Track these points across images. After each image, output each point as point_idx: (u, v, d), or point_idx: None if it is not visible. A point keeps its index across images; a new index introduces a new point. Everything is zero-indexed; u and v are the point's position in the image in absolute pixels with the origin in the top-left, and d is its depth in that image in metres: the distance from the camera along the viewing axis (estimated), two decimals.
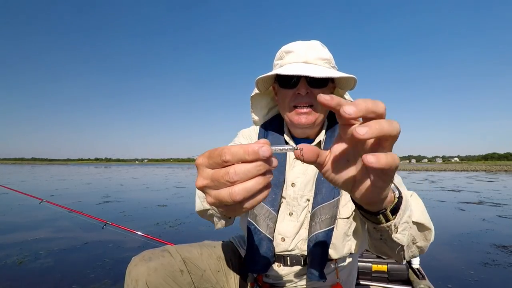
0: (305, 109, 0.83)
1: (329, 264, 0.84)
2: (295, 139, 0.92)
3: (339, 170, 0.41)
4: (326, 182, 0.82)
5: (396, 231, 0.52)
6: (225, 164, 0.34)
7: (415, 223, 0.62)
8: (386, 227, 0.51)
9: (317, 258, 0.79)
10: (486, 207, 6.41)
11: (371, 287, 1.65)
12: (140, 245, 3.15)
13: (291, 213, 0.85)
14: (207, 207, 0.77)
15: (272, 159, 0.34)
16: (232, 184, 0.34)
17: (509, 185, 12.89)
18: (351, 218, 0.83)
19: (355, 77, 0.82)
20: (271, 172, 0.35)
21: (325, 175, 0.43)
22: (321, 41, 0.89)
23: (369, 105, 0.33)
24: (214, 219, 0.80)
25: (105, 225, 2.48)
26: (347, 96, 0.94)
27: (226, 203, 0.35)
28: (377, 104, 0.34)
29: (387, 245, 0.58)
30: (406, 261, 0.64)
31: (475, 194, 9.07)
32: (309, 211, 0.84)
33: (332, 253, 0.81)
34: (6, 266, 2.61)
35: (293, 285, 0.87)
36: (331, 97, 0.35)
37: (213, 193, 0.35)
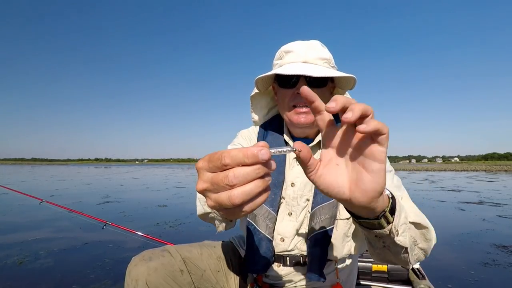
0: (304, 109, 0.83)
1: (329, 264, 0.84)
2: (294, 139, 0.91)
3: (331, 173, 0.42)
4: None
5: (397, 234, 0.52)
6: (224, 167, 0.34)
7: (411, 223, 0.62)
8: (387, 231, 0.51)
9: (316, 258, 0.79)
10: (486, 207, 6.41)
11: (371, 287, 1.65)
12: (140, 245, 3.15)
13: (291, 213, 0.85)
14: (208, 210, 0.77)
15: (271, 162, 0.35)
16: (231, 187, 0.34)
17: (509, 185, 12.88)
18: (351, 219, 0.83)
19: (354, 76, 0.82)
20: (270, 175, 0.36)
21: (315, 180, 0.42)
22: (321, 41, 0.89)
23: (348, 100, 0.37)
24: (215, 222, 0.81)
25: (105, 225, 2.48)
26: (347, 95, 0.94)
27: (225, 206, 0.35)
28: (357, 103, 0.37)
29: (390, 251, 0.58)
30: (412, 266, 0.64)
31: (475, 194, 9.07)
32: (308, 211, 0.84)
33: (331, 254, 0.81)
34: (6, 266, 2.61)
35: (292, 285, 0.87)
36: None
37: (213, 196, 0.36)
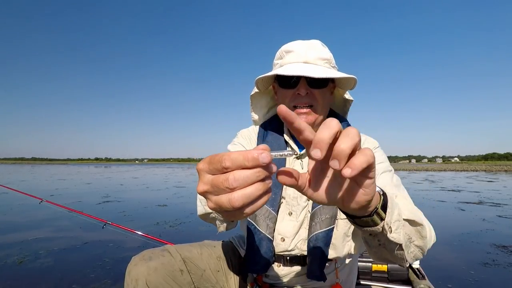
0: (305, 109, 0.83)
1: (329, 264, 0.84)
2: (294, 139, 0.91)
3: (322, 187, 0.41)
4: None
5: (390, 231, 0.53)
6: (225, 170, 0.34)
7: (406, 220, 0.62)
8: (380, 229, 0.51)
9: (317, 258, 0.79)
10: (486, 207, 6.41)
11: (371, 287, 1.65)
12: (140, 245, 3.15)
13: (291, 213, 0.85)
14: (209, 210, 0.76)
15: (271, 165, 0.34)
16: (231, 190, 0.34)
17: (509, 185, 12.88)
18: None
19: (355, 77, 0.82)
20: (270, 177, 0.35)
21: (310, 196, 0.42)
22: (321, 40, 0.89)
23: (326, 137, 0.34)
24: (216, 222, 0.80)
25: (105, 225, 2.48)
26: (347, 95, 0.94)
27: (226, 208, 0.35)
28: (330, 128, 0.35)
29: (386, 249, 0.58)
30: (408, 264, 0.64)
31: (475, 194, 9.07)
32: (308, 211, 0.84)
33: (332, 253, 0.81)
34: (6, 266, 2.61)
35: (292, 285, 0.87)
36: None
37: (213, 198, 0.36)
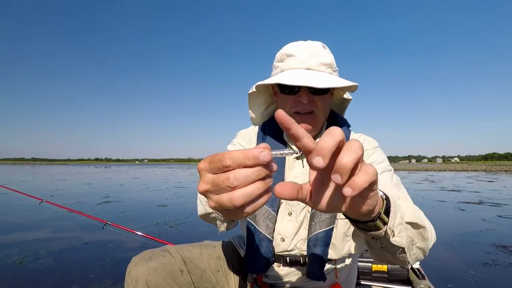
0: (306, 116, 0.83)
1: (329, 264, 0.84)
2: None
3: (324, 197, 0.40)
4: None
5: (393, 235, 0.53)
6: (226, 169, 0.34)
7: (408, 223, 0.63)
8: (383, 233, 0.51)
9: (316, 258, 0.79)
10: (486, 207, 6.41)
11: (371, 287, 1.65)
12: (140, 245, 3.15)
13: (291, 213, 0.85)
14: (210, 210, 0.76)
15: (272, 164, 0.34)
16: (232, 189, 0.33)
17: (509, 185, 12.88)
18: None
19: (357, 84, 0.82)
20: (271, 176, 0.35)
21: (313, 207, 0.42)
22: (322, 41, 0.88)
23: (329, 145, 0.33)
24: (217, 222, 0.80)
25: (105, 225, 2.48)
26: (346, 95, 0.94)
27: (226, 207, 0.35)
28: (334, 136, 0.34)
29: (388, 251, 0.58)
30: (410, 265, 0.64)
31: (475, 194, 9.07)
32: (308, 211, 0.84)
33: (331, 253, 0.81)
34: (6, 266, 2.61)
35: (292, 285, 0.87)
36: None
37: (214, 197, 0.35)
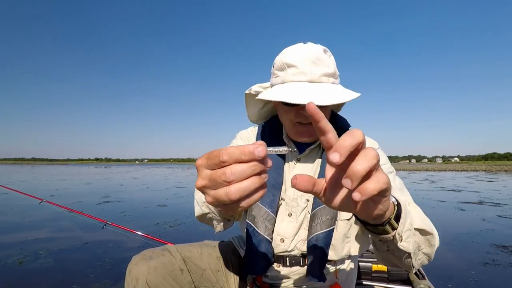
0: (309, 126, 0.82)
1: (329, 265, 0.84)
2: (294, 141, 0.91)
3: (338, 197, 0.41)
4: None
5: (401, 240, 0.53)
6: (222, 164, 0.35)
7: (416, 229, 0.63)
8: (391, 237, 0.52)
9: (316, 259, 0.79)
10: (486, 207, 6.41)
11: (371, 287, 1.65)
12: (140, 245, 3.15)
13: (291, 214, 0.85)
14: (206, 211, 0.77)
15: (267, 159, 0.35)
16: (229, 183, 0.35)
17: (509, 185, 12.89)
18: (352, 220, 0.83)
19: (359, 94, 0.79)
20: (266, 172, 0.36)
21: (325, 203, 0.42)
22: (322, 40, 0.87)
23: (347, 144, 0.34)
24: (213, 222, 0.80)
25: (105, 225, 2.48)
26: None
27: (223, 202, 0.36)
28: (354, 137, 0.35)
29: (394, 255, 0.59)
30: (415, 270, 0.65)
31: (475, 194, 9.07)
32: (308, 212, 0.84)
33: (331, 254, 0.81)
34: (6, 266, 2.61)
35: (292, 285, 0.87)
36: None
37: (211, 193, 0.37)
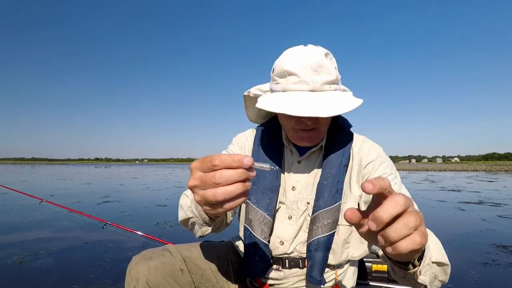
0: (311, 132, 0.81)
1: (328, 268, 0.85)
2: (293, 144, 0.90)
3: (373, 234, 0.43)
4: (327, 186, 0.81)
5: (420, 274, 0.56)
6: (214, 168, 0.42)
7: (434, 262, 0.65)
8: (411, 273, 0.55)
9: (316, 262, 0.79)
10: (486, 207, 6.40)
11: (371, 287, 1.65)
12: (140, 245, 3.15)
13: (291, 217, 0.85)
14: (190, 215, 0.76)
15: (253, 170, 0.43)
16: (217, 185, 0.41)
17: (509, 185, 12.88)
18: (353, 226, 0.83)
19: (362, 101, 0.76)
20: (250, 181, 0.43)
21: (364, 237, 0.46)
22: (322, 40, 0.87)
23: (386, 217, 0.38)
24: (195, 227, 0.78)
25: (105, 225, 2.48)
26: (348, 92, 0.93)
27: (209, 201, 0.43)
28: (395, 207, 0.38)
29: (410, 282, 0.61)
30: None
31: (475, 194, 9.06)
32: (308, 215, 0.84)
33: (330, 259, 0.82)
34: (6, 266, 2.61)
35: (291, 286, 0.87)
36: (374, 185, 0.38)
37: (200, 192, 0.44)
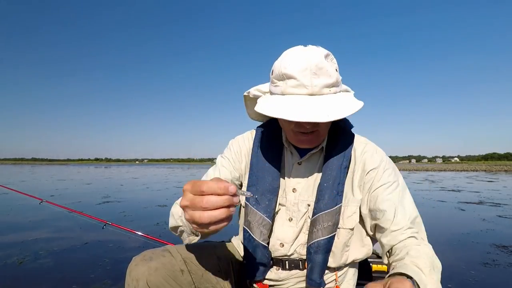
0: (310, 135, 0.81)
1: (328, 270, 0.85)
2: (293, 145, 0.90)
3: None
4: (328, 188, 0.81)
5: None
6: (202, 193, 0.48)
7: None
8: None
9: (316, 264, 0.80)
10: (486, 207, 6.40)
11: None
12: (140, 245, 3.15)
13: (291, 219, 0.85)
14: (180, 224, 0.81)
15: (237, 197, 0.49)
16: (203, 209, 0.47)
17: (509, 185, 12.88)
18: (353, 230, 0.83)
19: (362, 104, 0.75)
20: (234, 207, 0.49)
21: None
22: (322, 40, 0.86)
23: None
24: (183, 235, 0.83)
25: (105, 225, 2.48)
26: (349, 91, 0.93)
27: (196, 223, 0.49)
28: None
29: None
30: None
31: (475, 194, 9.07)
32: (308, 216, 0.84)
33: (330, 261, 0.82)
34: (6, 266, 2.61)
35: (291, 287, 0.88)
36: None
37: (189, 212, 0.50)
